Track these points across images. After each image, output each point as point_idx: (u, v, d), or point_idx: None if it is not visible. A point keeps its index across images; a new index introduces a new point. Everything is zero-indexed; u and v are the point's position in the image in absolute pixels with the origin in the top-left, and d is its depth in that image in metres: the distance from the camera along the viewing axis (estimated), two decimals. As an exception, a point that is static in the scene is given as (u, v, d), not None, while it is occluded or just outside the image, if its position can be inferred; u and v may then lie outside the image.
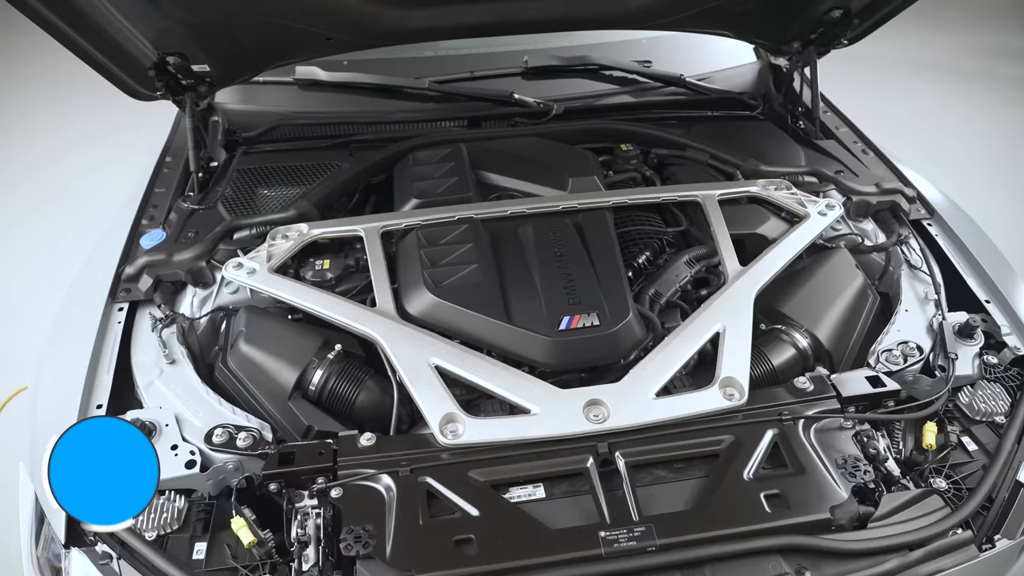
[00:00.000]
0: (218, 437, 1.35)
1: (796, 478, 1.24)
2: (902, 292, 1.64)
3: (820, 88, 2.21)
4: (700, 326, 1.45)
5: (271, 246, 1.68)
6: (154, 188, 1.98)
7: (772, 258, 1.60)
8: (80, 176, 4.24)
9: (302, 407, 1.44)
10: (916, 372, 1.48)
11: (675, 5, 1.78)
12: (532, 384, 1.36)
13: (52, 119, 4.89)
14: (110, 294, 1.63)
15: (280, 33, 1.75)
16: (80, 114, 4.74)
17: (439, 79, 2.24)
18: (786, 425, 1.32)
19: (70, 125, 4.74)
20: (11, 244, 3.81)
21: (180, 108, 1.94)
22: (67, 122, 4.79)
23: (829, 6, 1.84)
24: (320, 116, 2.20)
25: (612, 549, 1.13)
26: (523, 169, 1.90)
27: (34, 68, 5.24)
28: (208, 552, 1.22)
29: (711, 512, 1.20)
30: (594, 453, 1.27)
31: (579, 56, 2.30)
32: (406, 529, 1.18)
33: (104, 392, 1.44)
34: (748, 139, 2.07)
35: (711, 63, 2.47)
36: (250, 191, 1.92)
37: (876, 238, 1.82)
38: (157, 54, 1.69)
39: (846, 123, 2.19)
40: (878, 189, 1.82)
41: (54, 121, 4.85)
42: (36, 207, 4.04)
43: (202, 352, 1.59)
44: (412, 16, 1.72)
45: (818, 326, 1.53)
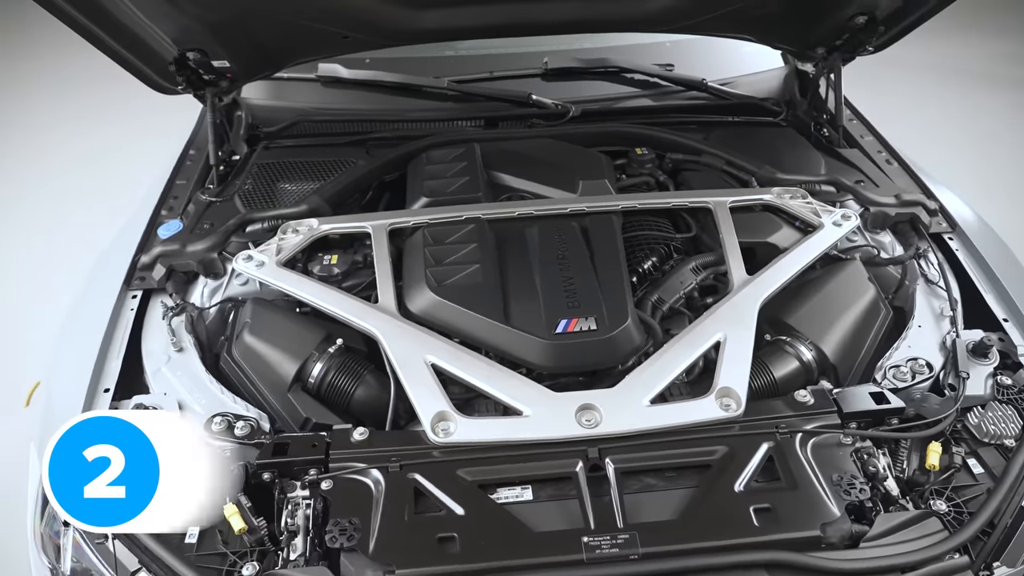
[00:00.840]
0: (217, 425, 1.38)
1: (788, 493, 1.22)
2: (916, 307, 1.59)
3: (849, 95, 2.16)
4: (700, 334, 1.43)
5: (281, 240, 1.71)
6: (175, 180, 2.04)
7: (780, 268, 1.57)
8: (78, 169, 4.31)
9: (301, 399, 1.46)
10: (925, 390, 1.44)
11: (694, 8, 1.75)
12: (526, 386, 1.36)
13: (50, 114, 4.96)
14: (125, 281, 1.68)
15: (297, 31, 1.78)
16: (75, 110, 4.86)
17: (458, 79, 2.25)
18: (782, 438, 1.29)
19: (66, 120, 4.81)
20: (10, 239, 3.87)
21: (201, 102, 1.99)
22: (64, 117, 4.86)
23: (853, 11, 1.79)
24: (339, 113, 2.23)
25: (594, 555, 1.13)
26: (534, 170, 1.91)
27: (33, 63, 5.36)
28: (200, 536, 1.24)
29: (697, 523, 1.18)
30: (584, 458, 1.26)
31: (599, 58, 2.29)
32: (391, 524, 1.19)
33: (112, 377, 1.48)
34: (767, 146, 2.04)
35: (736, 68, 2.43)
36: (267, 185, 1.96)
37: (893, 251, 1.77)
38: (177, 50, 1.73)
39: (872, 132, 2.13)
40: (898, 201, 1.78)
41: (51, 116, 4.92)
42: (36, 201, 4.12)
43: (209, 341, 1.63)
44: (425, 16, 1.73)
45: (824, 339, 1.49)
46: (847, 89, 2.15)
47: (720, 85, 2.28)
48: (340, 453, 1.30)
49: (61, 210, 3.98)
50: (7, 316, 3.30)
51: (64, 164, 4.38)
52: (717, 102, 2.25)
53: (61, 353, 1.57)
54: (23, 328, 3.16)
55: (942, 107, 4.87)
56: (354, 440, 1.32)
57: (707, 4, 1.75)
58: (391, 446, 1.31)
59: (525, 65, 2.31)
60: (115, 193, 3.23)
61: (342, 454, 1.30)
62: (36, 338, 1.65)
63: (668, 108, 2.23)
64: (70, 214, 3.90)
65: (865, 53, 1.95)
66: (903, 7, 1.75)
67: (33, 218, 3.98)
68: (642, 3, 1.73)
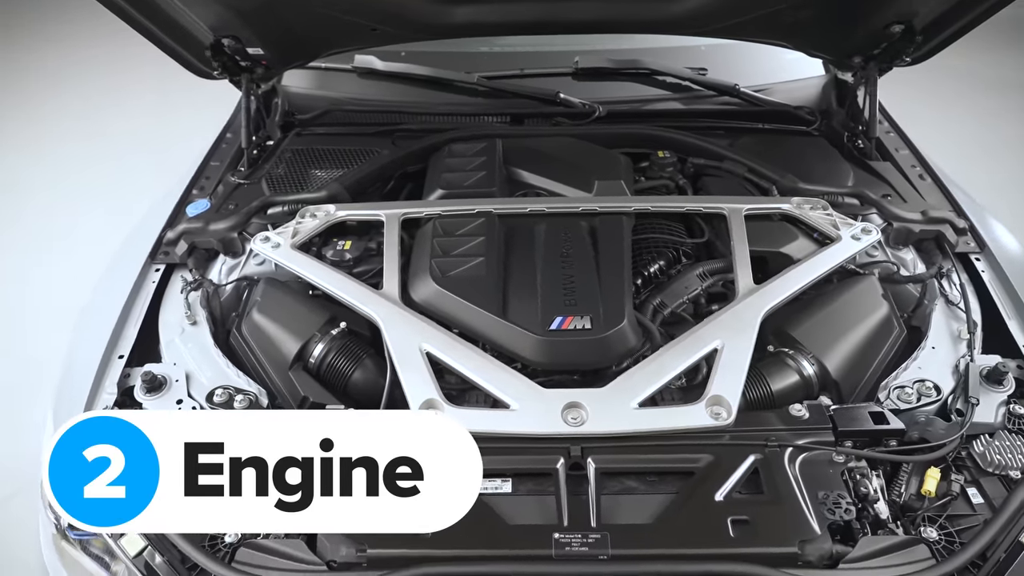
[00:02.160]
0: (218, 397, 1.43)
1: (769, 507, 1.19)
2: (932, 328, 1.53)
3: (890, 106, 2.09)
4: (697, 341, 1.41)
5: (299, 223, 1.76)
6: (210, 161, 2.12)
7: (789, 279, 1.53)
8: (74, 160, 4.43)
9: (301, 377, 1.51)
10: (930, 413, 1.38)
11: (721, 12, 1.73)
12: (516, 380, 1.37)
13: (47, 104, 5.11)
14: (150, 255, 1.76)
15: (329, 22, 1.83)
16: (74, 97, 5.03)
17: (488, 75, 2.28)
18: (771, 451, 1.27)
19: (64, 113, 4.96)
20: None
21: (237, 88, 2.06)
22: (61, 107, 5.02)
23: (889, 20, 1.73)
24: (370, 104, 2.28)
25: (562, 552, 1.13)
26: (552, 168, 1.91)
27: (31, 56, 5.56)
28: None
29: (671, 529, 1.17)
30: (566, 455, 1.27)
31: (631, 60, 2.27)
32: None
33: (128, 344, 1.56)
34: (794, 155, 1.99)
35: (774, 74, 2.39)
36: (293, 170, 2.03)
37: (915, 268, 1.70)
38: (213, 36, 1.80)
39: (908, 145, 2.06)
40: (923, 217, 1.71)
41: (49, 106, 5.07)
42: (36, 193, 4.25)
43: (223, 317, 1.69)
44: (454, 12, 1.76)
45: (828, 354, 1.45)
46: (887, 99, 2.08)
47: (754, 91, 2.24)
48: None
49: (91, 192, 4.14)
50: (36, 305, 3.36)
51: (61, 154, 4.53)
52: (749, 108, 2.21)
53: (84, 319, 1.65)
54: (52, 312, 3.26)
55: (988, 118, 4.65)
56: None
57: (734, 9, 1.72)
58: None
59: (557, 64, 2.32)
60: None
61: None
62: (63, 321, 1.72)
63: (697, 112, 2.20)
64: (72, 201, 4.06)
65: (903, 64, 1.88)
66: (942, 17, 1.69)
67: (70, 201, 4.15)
68: (668, 5, 1.71)
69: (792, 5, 1.71)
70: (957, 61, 1.94)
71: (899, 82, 2.11)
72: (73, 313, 1.72)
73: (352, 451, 1.14)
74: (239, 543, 1.21)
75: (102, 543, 1.26)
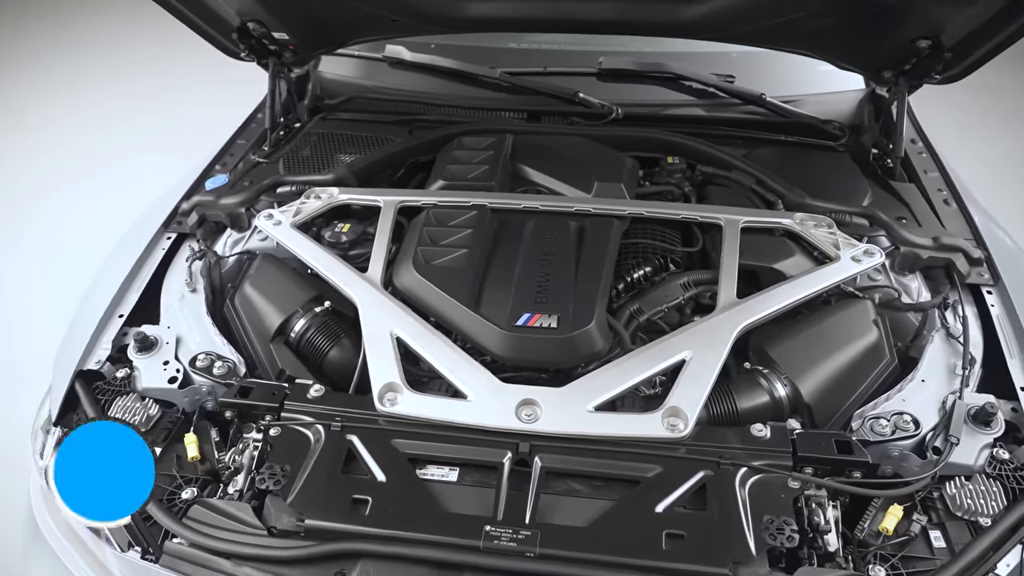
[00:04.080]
0: (201, 362, 1.50)
1: (709, 524, 1.17)
2: (925, 360, 1.45)
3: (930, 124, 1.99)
4: (665, 350, 1.39)
5: (303, 203, 1.82)
6: (236, 139, 2.22)
7: (773, 296, 1.48)
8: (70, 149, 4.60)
9: (280, 351, 1.56)
10: (906, 448, 1.31)
11: (735, 19, 1.68)
12: (478, 372, 1.38)
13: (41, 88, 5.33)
14: (164, 223, 1.85)
15: (350, 11, 1.88)
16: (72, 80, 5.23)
17: (511, 70, 2.29)
18: (722, 469, 1.24)
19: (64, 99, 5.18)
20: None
21: (265, 70, 2.14)
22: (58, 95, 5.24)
23: (915, 33, 1.65)
24: (393, 93, 2.33)
25: (490, 545, 1.13)
26: (556, 167, 1.91)
27: (27, 44, 5.80)
28: (159, 457, 1.37)
29: (603, 535, 1.16)
30: (514, 451, 1.27)
31: (656, 63, 2.24)
32: (317, 478, 1.25)
33: (129, 305, 1.65)
34: (810, 169, 1.92)
35: (811, 86, 2.30)
36: (310, 153, 2.09)
37: (919, 296, 1.62)
38: (239, 20, 1.88)
39: (939, 167, 1.95)
40: (934, 243, 1.62)
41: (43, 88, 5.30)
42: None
43: (222, 287, 1.77)
44: (467, 5, 1.78)
45: (802, 376, 1.40)
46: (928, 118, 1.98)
47: (782, 102, 2.17)
48: (294, 405, 1.38)
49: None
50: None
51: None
52: (773, 119, 2.14)
53: (96, 278, 1.76)
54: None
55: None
56: (309, 396, 1.39)
57: (749, 15, 1.67)
58: (340, 407, 1.37)
59: (581, 63, 2.31)
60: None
61: (295, 406, 1.38)
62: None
63: (718, 120, 2.15)
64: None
65: (933, 82, 1.79)
66: (972, 35, 1.59)
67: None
68: (681, 9, 1.68)
69: (812, 13, 1.64)
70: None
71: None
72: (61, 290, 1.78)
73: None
74: (194, 500, 1.28)
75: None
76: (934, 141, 2.21)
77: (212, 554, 1.18)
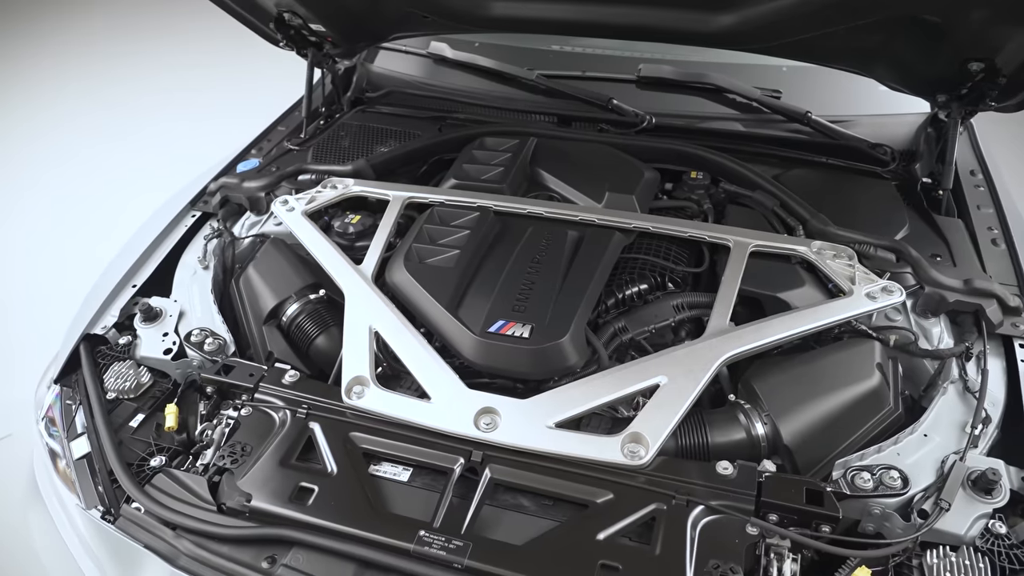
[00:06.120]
0: (195, 337, 1.56)
1: (649, 561, 1.10)
2: (932, 413, 1.32)
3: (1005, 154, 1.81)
4: (640, 372, 1.33)
5: (318, 192, 1.87)
6: (276, 126, 2.30)
7: (768, 326, 1.39)
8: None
9: (271, 334, 1.60)
10: (890, 507, 1.20)
11: (763, 32, 1.58)
12: (445, 375, 1.36)
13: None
14: (191, 202, 1.94)
15: (383, 7, 1.91)
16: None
17: (548, 72, 2.25)
18: (676, 504, 1.17)
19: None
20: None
21: (304, 59, 2.20)
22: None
23: (967, 55, 1.50)
24: (430, 89, 2.35)
25: (420, 550, 1.12)
26: (571, 173, 1.87)
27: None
28: (141, 423, 1.43)
29: (536, 556, 1.12)
30: (467, 458, 1.25)
31: (697, 73, 2.14)
32: (272, 461, 1.28)
33: (144, 276, 1.74)
34: (845, 195, 1.79)
35: (868, 106, 2.14)
36: (340, 143, 2.14)
37: (939, 342, 1.47)
38: (276, 10, 1.94)
39: (995, 203, 1.77)
40: (964, 287, 1.47)
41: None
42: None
43: (232, 267, 1.83)
44: (491, 5, 1.76)
45: (786, 416, 1.30)
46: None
47: (830, 121, 2.03)
48: (268, 388, 1.41)
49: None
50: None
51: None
52: (816, 139, 2.01)
53: (121, 250, 1.86)
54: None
55: None
56: (284, 381, 1.42)
57: (778, 29, 1.57)
58: (309, 394, 1.39)
59: (622, 69, 2.25)
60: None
61: (269, 389, 1.41)
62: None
63: (755, 137, 2.04)
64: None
65: (988, 109, 1.62)
66: None
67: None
68: (707, 19, 1.60)
69: (850, 28, 1.53)
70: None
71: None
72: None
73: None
74: (159, 469, 1.33)
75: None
76: (1004, 174, 2.02)
77: (160, 523, 1.22)
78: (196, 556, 1.18)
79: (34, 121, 5.11)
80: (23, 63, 5.95)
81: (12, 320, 3.31)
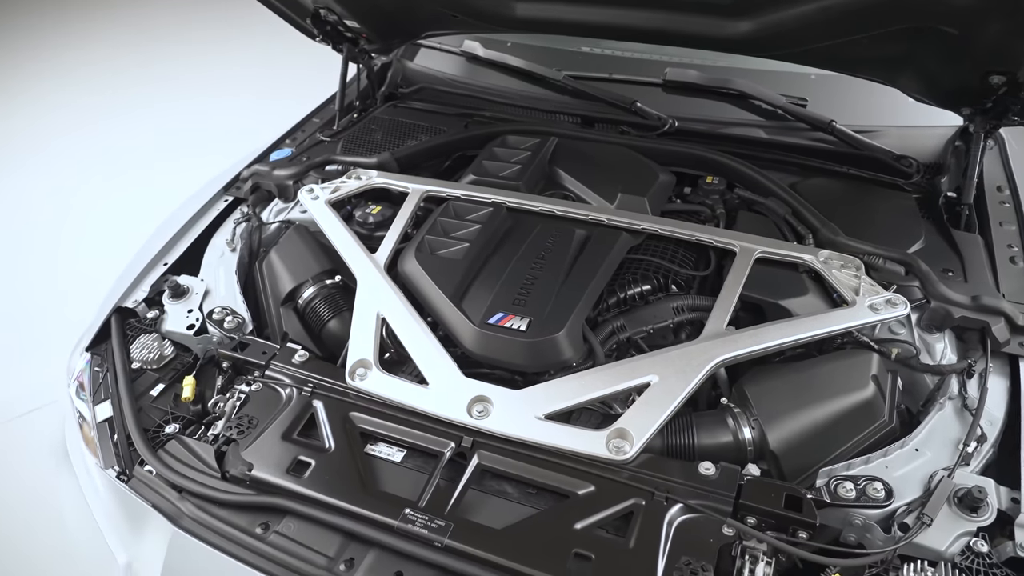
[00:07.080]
0: (217, 314, 1.66)
1: (621, 553, 1.13)
2: (926, 429, 1.31)
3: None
4: (632, 370, 1.36)
5: (343, 182, 1.94)
6: (312, 118, 2.39)
7: (764, 332, 1.40)
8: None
9: (288, 315, 1.68)
10: (871, 518, 1.20)
11: (783, 38, 1.58)
12: (444, 362, 1.41)
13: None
14: (224, 187, 2.04)
15: (414, 6, 1.97)
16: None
17: (575, 74, 2.28)
18: (655, 500, 1.20)
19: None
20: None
21: (340, 54, 2.28)
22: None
23: (987, 67, 1.47)
24: (460, 86, 2.40)
25: (403, 527, 1.18)
26: (588, 173, 1.89)
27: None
28: (161, 393, 1.53)
29: (513, 541, 1.16)
30: (457, 443, 1.30)
31: (722, 79, 2.14)
32: (275, 435, 1.35)
33: (175, 255, 1.84)
34: (861, 206, 1.77)
35: (897, 117, 2.11)
36: (370, 136, 2.22)
37: (942, 358, 1.45)
38: (313, 6, 2.03)
39: (1019, 220, 1.73)
40: (972, 303, 1.44)
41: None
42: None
43: (258, 251, 1.92)
44: (515, 6, 1.81)
45: (775, 423, 1.31)
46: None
47: (855, 131, 2.01)
48: (278, 366, 1.49)
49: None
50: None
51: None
52: (839, 148, 1.99)
53: (156, 230, 1.97)
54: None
55: None
56: (294, 360, 1.50)
57: (798, 36, 1.56)
58: (316, 374, 1.46)
59: (650, 73, 2.26)
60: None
61: (279, 367, 1.49)
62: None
63: (778, 144, 2.03)
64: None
65: (1012, 123, 1.59)
66: None
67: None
68: (727, 24, 1.61)
69: (869, 37, 1.52)
70: None
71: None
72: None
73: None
74: (172, 436, 1.42)
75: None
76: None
77: (168, 485, 1.31)
78: (197, 518, 1.26)
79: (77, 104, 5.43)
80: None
81: (66, 297, 3.51)
